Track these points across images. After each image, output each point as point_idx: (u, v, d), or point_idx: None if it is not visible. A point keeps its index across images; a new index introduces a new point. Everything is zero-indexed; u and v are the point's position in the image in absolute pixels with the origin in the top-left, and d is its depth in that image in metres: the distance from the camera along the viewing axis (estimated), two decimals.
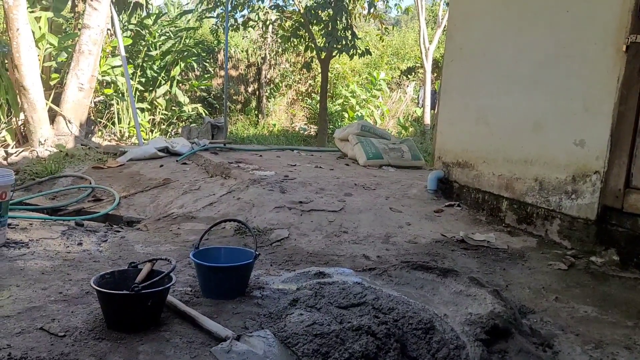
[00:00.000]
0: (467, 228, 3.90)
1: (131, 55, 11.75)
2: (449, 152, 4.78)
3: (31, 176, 5.77)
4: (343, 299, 2.20)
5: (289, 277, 2.71)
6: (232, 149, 7.21)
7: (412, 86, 17.58)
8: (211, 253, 2.60)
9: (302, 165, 6.10)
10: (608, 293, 2.78)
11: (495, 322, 2.12)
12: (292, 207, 4.13)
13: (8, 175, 3.12)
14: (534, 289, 2.82)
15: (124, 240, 3.50)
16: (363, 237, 3.64)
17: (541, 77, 3.69)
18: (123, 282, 2.14)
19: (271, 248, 3.39)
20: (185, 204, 4.61)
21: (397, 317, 2.04)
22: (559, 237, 3.52)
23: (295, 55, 16.05)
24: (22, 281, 2.52)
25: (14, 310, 2.14)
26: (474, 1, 4.55)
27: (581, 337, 2.29)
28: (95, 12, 7.79)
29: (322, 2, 11.45)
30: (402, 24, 23.00)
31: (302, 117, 16.12)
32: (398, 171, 6.40)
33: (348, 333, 1.91)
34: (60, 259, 2.96)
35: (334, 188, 4.82)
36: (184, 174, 5.66)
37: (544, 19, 3.68)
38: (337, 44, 10.87)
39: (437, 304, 2.36)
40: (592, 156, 3.28)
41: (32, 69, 7.12)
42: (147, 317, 2.01)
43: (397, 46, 18.45)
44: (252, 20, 12.29)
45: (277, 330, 1.97)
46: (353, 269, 2.86)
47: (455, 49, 4.78)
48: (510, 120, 3.98)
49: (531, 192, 3.76)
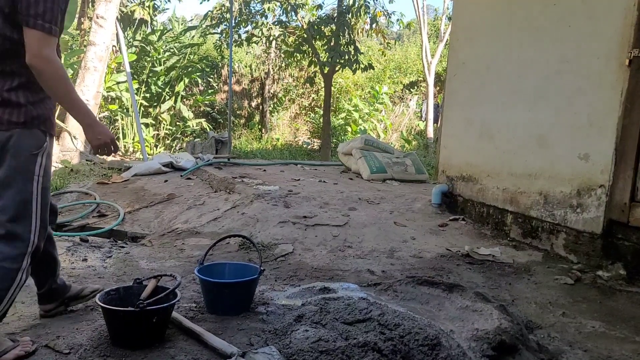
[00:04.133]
0: (472, 242, 3.89)
1: (136, 71, 11.87)
2: (453, 166, 4.78)
3: None
4: (348, 314, 2.19)
5: (293, 293, 2.70)
6: (236, 163, 7.23)
7: (415, 100, 17.64)
8: (216, 269, 2.59)
9: (305, 180, 6.11)
10: (615, 308, 2.75)
11: (502, 337, 2.10)
12: (296, 222, 4.12)
13: None
14: (541, 303, 2.80)
15: (129, 256, 3.50)
16: (368, 252, 3.63)
17: (545, 92, 3.70)
18: (128, 298, 2.14)
19: (276, 263, 3.39)
20: (190, 219, 4.61)
21: (403, 333, 2.02)
22: (564, 251, 3.51)
23: (298, 70, 16.15)
24: (27, 298, 2.51)
25: (19, 328, 2.14)
26: (476, 16, 4.58)
27: (589, 353, 2.26)
28: (101, 29, 7.88)
29: (325, 17, 11.57)
30: (404, 38, 23.17)
31: (305, 131, 16.18)
32: (402, 185, 6.40)
33: (354, 350, 1.90)
34: (65, 275, 2.96)
35: (338, 202, 4.82)
36: (188, 189, 5.67)
37: (547, 34, 3.70)
38: (340, 58, 10.95)
39: (443, 319, 2.35)
40: (597, 170, 3.27)
41: None
42: (152, 333, 2.01)
43: (400, 60, 18.56)
44: (255, 35, 12.40)
45: (282, 346, 1.96)
46: (358, 284, 2.85)
47: (458, 63, 4.81)
48: (514, 135, 3.98)
49: (536, 206, 3.75)
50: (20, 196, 1.85)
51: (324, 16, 11.77)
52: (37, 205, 1.88)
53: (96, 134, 1.93)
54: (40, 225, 1.90)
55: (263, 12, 11.86)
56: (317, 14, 12.15)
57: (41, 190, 1.90)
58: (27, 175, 1.86)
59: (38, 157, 1.88)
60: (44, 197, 1.92)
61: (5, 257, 1.82)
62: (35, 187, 1.87)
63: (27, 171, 1.85)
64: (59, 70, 1.79)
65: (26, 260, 1.86)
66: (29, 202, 1.86)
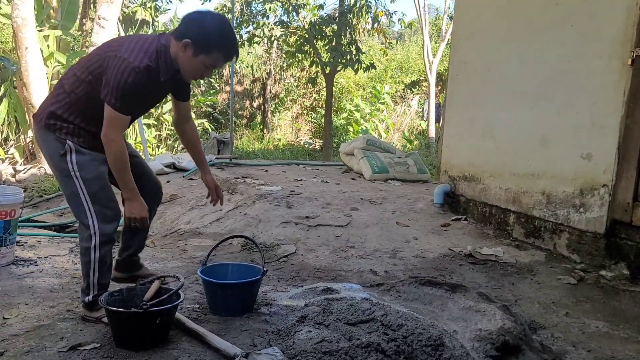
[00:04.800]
0: (475, 242, 3.89)
1: None
2: (455, 166, 4.77)
3: (39, 193, 5.81)
4: (351, 315, 2.19)
5: (296, 293, 2.70)
6: (238, 164, 7.23)
7: (417, 99, 17.63)
8: (219, 269, 2.59)
9: (308, 180, 6.11)
10: (619, 308, 2.75)
11: (505, 338, 2.10)
12: (298, 222, 4.13)
13: (17, 193, 3.15)
14: (544, 303, 2.80)
15: None
16: (370, 252, 3.63)
17: (547, 91, 3.70)
18: (131, 299, 2.15)
19: (278, 264, 3.39)
20: (192, 219, 4.61)
21: (406, 334, 2.02)
22: (567, 250, 3.50)
23: (299, 70, 16.15)
24: (30, 299, 2.52)
25: (22, 329, 2.14)
26: (478, 16, 4.58)
27: (593, 353, 2.26)
28: (103, 30, 7.89)
29: (327, 17, 11.56)
30: (406, 37, 23.13)
31: (307, 131, 16.18)
32: (404, 185, 6.39)
33: (357, 350, 1.90)
34: (69, 276, 2.97)
35: (340, 203, 4.82)
36: (190, 190, 5.67)
37: (548, 34, 3.69)
38: (341, 58, 10.94)
39: (446, 319, 2.35)
40: (600, 169, 3.27)
41: (40, 87, 7.20)
42: (156, 335, 2.01)
43: (401, 60, 18.54)
44: (257, 36, 12.40)
45: (285, 347, 1.96)
46: (361, 285, 2.85)
47: (459, 63, 4.80)
48: (517, 134, 3.98)
49: (539, 205, 3.74)
50: (68, 190, 2.16)
51: (325, 16, 11.76)
52: (86, 196, 2.13)
53: (131, 208, 2.19)
54: (96, 211, 2.14)
55: (264, 12, 11.85)
56: (319, 14, 12.13)
57: (84, 183, 2.14)
58: (63, 173, 2.15)
59: (67, 156, 2.14)
60: (90, 188, 2.15)
61: (81, 238, 2.21)
62: (76, 182, 2.14)
63: (62, 169, 2.16)
64: (117, 152, 2.09)
65: (94, 241, 2.15)
66: (76, 195, 2.14)
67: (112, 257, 2.34)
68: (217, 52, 2.07)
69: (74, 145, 2.13)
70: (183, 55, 2.06)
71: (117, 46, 2.05)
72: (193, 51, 2.04)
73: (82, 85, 2.12)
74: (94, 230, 2.14)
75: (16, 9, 6.83)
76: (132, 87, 1.98)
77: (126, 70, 1.96)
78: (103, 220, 2.16)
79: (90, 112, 2.13)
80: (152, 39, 2.09)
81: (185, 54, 2.06)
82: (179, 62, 2.08)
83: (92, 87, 2.09)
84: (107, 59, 2.01)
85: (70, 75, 2.17)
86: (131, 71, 1.97)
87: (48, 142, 2.16)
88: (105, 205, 2.17)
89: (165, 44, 2.08)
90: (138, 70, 1.98)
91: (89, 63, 2.12)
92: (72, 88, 2.15)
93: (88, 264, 2.19)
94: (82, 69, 2.13)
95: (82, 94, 2.12)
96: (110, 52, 2.03)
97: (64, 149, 2.13)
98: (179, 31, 2.06)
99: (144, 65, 2.00)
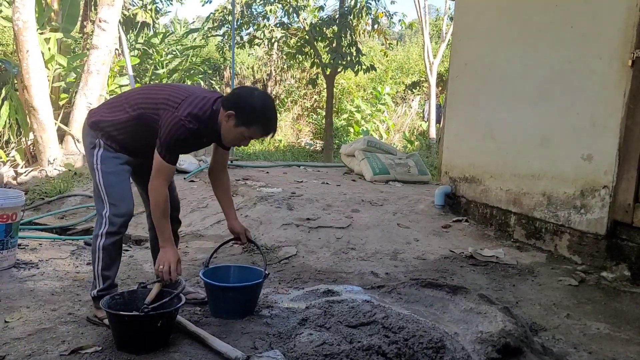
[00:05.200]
0: (476, 244, 3.89)
1: (139, 74, 11.89)
2: (456, 167, 4.77)
3: (40, 195, 5.82)
4: (352, 317, 2.19)
5: (297, 296, 2.71)
6: (239, 165, 7.23)
7: (417, 100, 17.62)
8: (220, 272, 2.60)
9: (308, 182, 6.11)
10: (620, 309, 2.75)
11: (506, 340, 2.10)
12: (299, 224, 4.13)
13: (18, 196, 3.15)
14: (545, 305, 2.80)
15: (133, 260, 3.51)
16: (371, 254, 3.63)
17: (547, 93, 3.70)
18: (133, 302, 2.15)
19: (279, 266, 3.39)
20: (193, 222, 4.62)
21: (407, 336, 2.02)
22: (568, 252, 3.50)
23: (300, 72, 16.16)
24: (32, 302, 2.53)
25: (24, 332, 2.15)
26: (478, 18, 4.58)
27: (594, 355, 2.26)
28: (104, 32, 7.90)
29: (327, 19, 11.57)
30: (406, 38, 23.14)
31: (307, 132, 16.18)
32: (405, 186, 6.39)
33: (358, 353, 1.90)
34: (70, 279, 2.97)
35: (341, 204, 4.82)
36: (191, 192, 5.67)
37: (549, 35, 3.70)
38: (342, 60, 10.95)
39: (447, 322, 2.35)
40: (601, 171, 3.27)
41: (41, 90, 7.20)
42: (157, 338, 2.01)
43: (402, 61, 18.54)
44: (257, 38, 12.41)
45: (286, 350, 1.97)
46: (362, 287, 2.85)
47: (460, 64, 4.81)
48: (517, 136, 3.98)
49: (539, 207, 3.74)
50: (94, 182, 2.34)
51: (325, 18, 11.77)
52: (102, 187, 2.29)
53: (162, 258, 2.26)
54: (110, 202, 2.28)
55: (265, 14, 11.86)
56: (319, 16, 12.15)
57: (103, 175, 2.30)
58: (90, 166, 2.35)
59: (94, 150, 2.32)
60: (107, 180, 2.29)
61: (95, 228, 2.34)
62: (97, 174, 2.30)
63: (90, 163, 2.35)
64: (160, 201, 2.25)
65: (102, 229, 2.27)
66: (97, 186, 2.32)
67: (120, 255, 2.40)
68: (255, 127, 2.26)
69: (103, 143, 2.32)
70: (226, 123, 2.26)
71: (177, 101, 2.23)
72: (235, 122, 2.24)
73: (134, 112, 2.30)
74: (105, 219, 2.28)
75: (17, 12, 6.84)
76: (180, 143, 2.22)
77: (176, 125, 2.18)
78: (115, 212, 2.29)
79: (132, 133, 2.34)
80: (209, 102, 2.28)
81: (228, 123, 2.25)
82: (221, 128, 2.29)
83: (141, 119, 2.29)
84: (165, 112, 2.21)
85: (132, 95, 2.37)
86: (180, 126, 2.18)
87: (85, 136, 2.38)
88: (117, 199, 2.30)
89: (216, 109, 2.28)
90: (188, 130, 2.20)
91: (148, 99, 2.30)
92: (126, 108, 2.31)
93: (94, 252, 2.31)
94: (142, 101, 2.31)
95: (133, 118, 2.30)
96: (169, 105, 2.22)
97: (94, 144, 2.33)
98: (227, 100, 2.28)
99: (195, 128, 2.22)
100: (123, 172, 2.36)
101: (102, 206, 2.30)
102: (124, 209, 2.31)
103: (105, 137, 2.32)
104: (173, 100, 2.23)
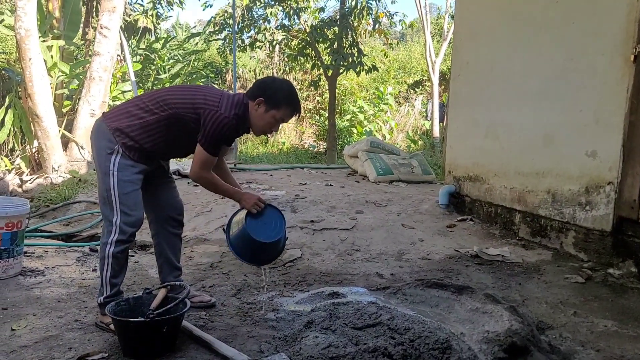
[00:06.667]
0: (481, 242, 3.87)
1: (141, 80, 11.94)
2: (460, 167, 4.76)
3: (45, 203, 5.84)
4: (358, 319, 2.19)
5: (303, 298, 2.71)
6: (243, 169, 7.24)
7: (420, 99, 17.59)
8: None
9: (312, 184, 6.11)
10: (627, 306, 2.73)
11: (513, 339, 2.09)
12: (304, 227, 4.13)
13: (24, 204, 3.16)
14: (551, 303, 2.79)
15: (138, 265, 3.52)
16: (376, 255, 3.62)
17: (550, 90, 3.68)
18: (138, 308, 2.16)
19: (284, 268, 3.39)
20: (198, 226, 4.62)
21: (413, 337, 2.02)
22: (574, 249, 3.48)
23: (302, 73, 16.17)
24: (38, 310, 2.54)
25: (31, 340, 2.16)
26: (479, 16, 4.57)
27: (602, 353, 2.25)
28: (105, 39, 7.93)
29: (328, 20, 11.58)
30: (408, 37, 23.13)
31: (311, 134, 16.19)
32: (409, 186, 6.38)
33: (364, 355, 1.90)
34: (76, 285, 2.98)
35: (345, 206, 4.81)
36: (195, 196, 5.68)
37: (550, 32, 3.68)
38: (343, 61, 10.95)
39: (453, 322, 2.34)
40: (605, 167, 3.25)
41: (44, 98, 7.23)
42: (163, 343, 2.02)
43: (404, 60, 18.53)
44: (258, 40, 12.43)
45: (292, 353, 1.96)
46: (367, 288, 2.85)
47: (462, 63, 4.80)
48: (521, 134, 3.97)
49: (544, 204, 3.73)
50: (103, 187, 2.33)
51: (326, 19, 11.78)
52: (116, 195, 2.29)
53: (245, 201, 2.48)
54: (122, 210, 2.30)
55: (266, 16, 11.88)
56: (320, 17, 12.16)
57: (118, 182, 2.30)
58: (104, 170, 2.33)
59: (112, 156, 2.32)
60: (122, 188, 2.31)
61: (102, 236, 2.35)
62: (112, 180, 2.30)
63: (104, 167, 2.33)
64: (210, 185, 2.45)
65: (112, 236, 2.29)
66: (109, 191, 2.31)
67: (127, 262, 2.43)
68: (285, 107, 2.40)
69: (122, 151, 2.33)
70: (256, 112, 2.39)
71: (215, 102, 2.33)
72: (265, 107, 2.38)
73: (165, 112, 2.35)
74: (115, 227, 2.30)
75: (19, 20, 6.87)
76: (225, 138, 2.36)
77: (222, 123, 2.31)
78: (126, 221, 2.31)
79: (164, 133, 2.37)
80: (240, 100, 2.40)
81: (258, 110, 2.39)
82: (251, 118, 2.41)
83: (173, 119, 2.34)
84: (207, 111, 2.30)
85: (156, 97, 2.39)
86: (226, 123, 2.32)
87: (100, 139, 2.37)
88: (130, 208, 2.33)
89: (246, 103, 2.40)
90: (233, 127, 2.35)
91: (184, 99, 2.36)
92: (153, 110, 2.35)
93: (103, 259, 2.33)
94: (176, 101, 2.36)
95: (164, 118, 2.35)
96: (209, 105, 2.32)
97: (112, 150, 2.33)
98: (253, 91, 2.41)
99: (237, 125, 2.37)
100: (138, 182, 2.39)
101: (111, 213, 2.31)
102: (135, 217, 2.34)
103: (125, 146, 2.33)
104: (212, 101, 2.33)
